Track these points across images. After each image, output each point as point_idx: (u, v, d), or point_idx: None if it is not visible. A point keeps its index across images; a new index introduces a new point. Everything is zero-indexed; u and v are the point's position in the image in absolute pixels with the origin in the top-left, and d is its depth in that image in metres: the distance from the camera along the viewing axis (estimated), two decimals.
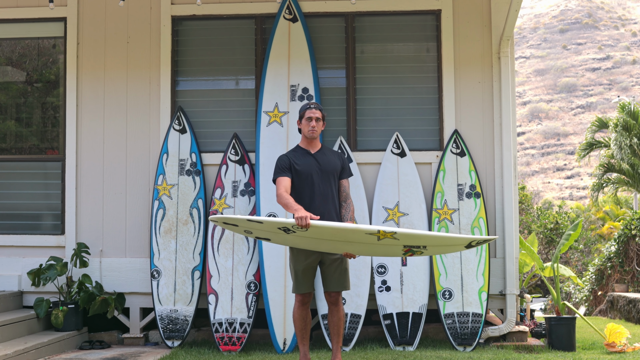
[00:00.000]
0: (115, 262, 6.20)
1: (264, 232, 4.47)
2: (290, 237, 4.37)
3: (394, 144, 6.01)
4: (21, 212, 6.49)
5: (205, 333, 6.13)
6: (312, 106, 4.69)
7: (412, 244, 4.30)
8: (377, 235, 4.15)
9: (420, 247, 4.34)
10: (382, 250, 4.52)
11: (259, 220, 4.32)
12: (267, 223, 4.32)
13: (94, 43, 6.41)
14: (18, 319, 5.66)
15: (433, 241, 4.41)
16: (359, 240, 4.31)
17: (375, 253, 4.87)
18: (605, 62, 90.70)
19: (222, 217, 4.53)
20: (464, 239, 4.37)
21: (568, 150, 74.25)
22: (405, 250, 4.37)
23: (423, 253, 4.48)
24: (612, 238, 12.82)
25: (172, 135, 6.13)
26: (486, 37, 6.15)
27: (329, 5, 6.28)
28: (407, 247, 4.32)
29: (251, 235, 4.62)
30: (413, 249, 4.36)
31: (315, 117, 4.66)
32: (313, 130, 4.65)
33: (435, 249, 4.57)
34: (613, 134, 17.71)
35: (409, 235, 4.21)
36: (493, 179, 6.05)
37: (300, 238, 4.36)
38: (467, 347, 5.67)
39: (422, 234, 4.38)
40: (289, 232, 4.29)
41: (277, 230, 4.32)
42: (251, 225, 4.42)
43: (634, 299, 9.40)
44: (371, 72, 6.29)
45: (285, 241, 4.55)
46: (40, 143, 6.64)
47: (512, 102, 6.04)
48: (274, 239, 4.58)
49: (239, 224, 4.46)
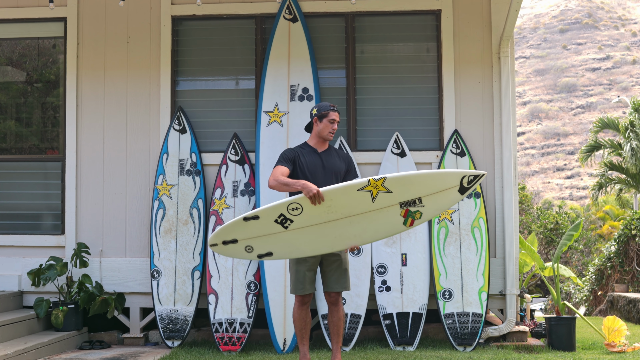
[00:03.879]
0: (115, 262, 6.20)
1: (262, 238, 4.39)
2: (289, 235, 4.34)
3: (394, 144, 6.01)
4: (21, 212, 6.49)
5: (205, 333, 6.13)
6: (334, 108, 4.71)
7: (406, 198, 4.27)
8: (370, 189, 4.17)
9: (417, 203, 4.29)
10: (382, 219, 4.38)
11: (255, 214, 4.29)
12: (263, 214, 4.28)
13: (94, 43, 6.41)
14: (18, 319, 5.66)
15: (423, 184, 4.31)
16: (355, 207, 4.28)
17: (376, 226, 4.49)
18: (605, 62, 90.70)
19: (220, 232, 4.42)
20: (454, 173, 4.34)
21: (568, 150, 74.27)
22: (404, 213, 4.31)
23: (422, 214, 4.35)
24: (612, 238, 12.82)
25: (172, 135, 6.13)
26: (486, 37, 6.15)
27: (329, 5, 6.28)
28: (404, 206, 4.29)
29: (252, 252, 4.45)
30: (410, 209, 4.30)
31: (337, 120, 4.71)
32: (333, 132, 4.70)
33: (431, 202, 4.37)
34: (631, 133, 17.54)
35: (398, 179, 4.24)
36: (493, 179, 6.05)
37: (299, 232, 4.32)
38: (467, 347, 5.67)
39: (410, 174, 4.42)
40: (286, 223, 4.27)
41: (275, 227, 4.29)
42: (249, 231, 4.36)
43: (634, 299, 9.40)
44: (371, 72, 6.29)
45: (286, 246, 4.44)
46: (40, 143, 6.64)
47: (512, 102, 6.04)
48: (275, 249, 4.44)
49: (238, 235, 4.38)
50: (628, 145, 17.43)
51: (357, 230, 4.38)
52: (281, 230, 4.33)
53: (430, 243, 5.85)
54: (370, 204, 4.26)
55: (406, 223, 4.38)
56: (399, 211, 4.33)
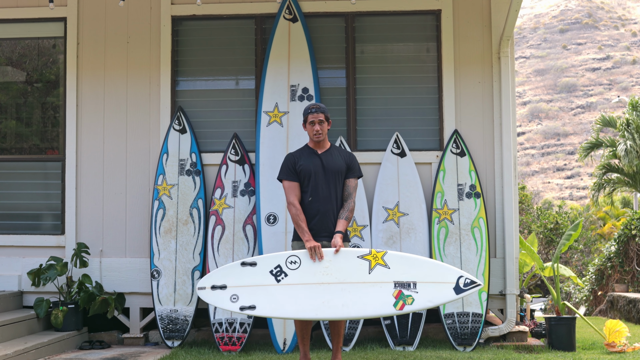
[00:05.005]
0: (115, 262, 6.20)
1: (251, 288, 4.38)
2: (278, 290, 4.35)
3: (394, 144, 6.01)
4: (21, 212, 6.49)
5: (205, 333, 6.13)
6: (313, 110, 4.66)
7: (402, 280, 4.33)
8: (369, 258, 4.31)
9: (411, 287, 4.33)
10: (374, 294, 4.36)
11: (253, 261, 4.42)
12: (261, 262, 4.42)
13: (94, 43, 6.41)
14: (18, 319, 5.66)
15: (421, 270, 4.39)
16: (351, 274, 4.36)
17: (366, 300, 4.37)
18: (605, 62, 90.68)
19: (213, 274, 4.47)
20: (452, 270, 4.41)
21: (568, 150, 74.25)
22: (397, 294, 4.33)
23: (414, 300, 4.32)
24: (612, 238, 12.82)
25: (172, 135, 6.13)
26: (486, 37, 6.15)
27: (329, 5, 6.28)
28: (398, 286, 4.33)
29: (236, 302, 4.39)
30: (404, 292, 4.32)
31: (318, 120, 4.64)
32: (318, 134, 4.65)
33: (424, 290, 4.36)
34: (625, 132, 17.56)
35: (398, 257, 4.39)
36: (493, 179, 6.05)
37: (289, 289, 4.35)
38: (467, 347, 5.67)
39: (411, 256, 4.50)
40: (280, 276, 4.36)
41: (268, 278, 4.37)
42: (241, 278, 4.41)
43: (634, 299, 9.40)
44: (371, 72, 6.29)
45: (271, 303, 4.37)
46: (40, 143, 6.64)
47: (512, 102, 6.04)
48: (259, 304, 4.36)
49: (229, 281, 4.41)
50: (622, 144, 17.46)
51: (346, 299, 4.35)
52: (272, 284, 4.38)
53: (430, 243, 5.85)
54: (366, 274, 4.34)
55: (396, 306, 4.33)
56: (392, 291, 4.36)
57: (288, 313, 4.39)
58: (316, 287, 4.36)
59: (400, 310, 4.32)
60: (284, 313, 4.41)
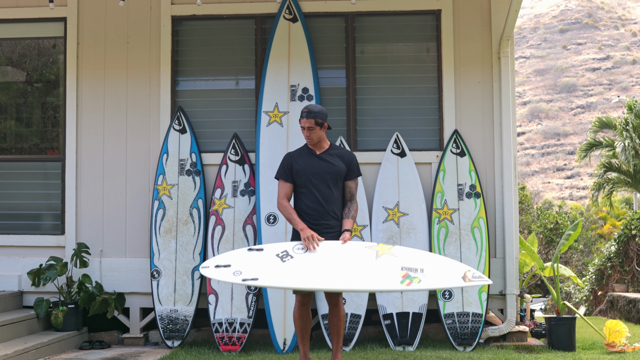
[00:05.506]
0: (115, 262, 6.20)
1: (255, 265, 4.38)
2: (282, 267, 4.35)
3: (394, 144, 6.01)
4: (21, 212, 6.49)
5: (205, 333, 6.13)
6: (303, 115, 4.63)
7: (409, 265, 4.34)
8: (376, 248, 4.31)
9: (418, 271, 4.33)
10: (380, 271, 4.37)
11: (260, 247, 4.45)
12: (268, 248, 4.45)
13: (94, 43, 6.41)
14: (18, 319, 5.66)
15: (429, 262, 4.41)
16: (359, 259, 4.37)
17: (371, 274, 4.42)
18: (605, 62, 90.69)
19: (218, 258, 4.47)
20: (460, 265, 4.44)
21: (568, 150, 74.25)
22: (404, 275, 4.32)
23: (420, 280, 4.31)
24: (612, 238, 12.82)
25: (172, 135, 6.13)
26: (486, 37, 6.15)
27: (329, 5, 6.28)
28: (405, 269, 4.33)
29: (239, 276, 4.34)
30: (411, 274, 4.31)
31: (307, 126, 4.62)
32: (309, 138, 4.68)
33: (432, 274, 4.37)
34: (624, 132, 17.62)
35: (406, 250, 4.39)
36: (493, 179, 6.05)
37: (294, 266, 4.36)
38: (467, 347, 5.67)
39: (420, 251, 4.52)
40: (286, 258, 4.37)
41: (274, 260, 4.38)
42: (247, 260, 4.41)
43: (634, 299, 9.40)
44: (371, 72, 6.29)
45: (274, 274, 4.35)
46: (40, 143, 6.64)
47: (512, 102, 6.04)
48: (262, 275, 4.33)
49: (234, 262, 4.39)
50: (620, 143, 17.50)
51: (352, 275, 4.32)
52: (277, 263, 4.38)
53: (430, 243, 5.85)
54: (373, 259, 4.37)
55: (404, 282, 4.29)
56: (400, 272, 4.35)
57: (292, 283, 4.32)
58: (322, 264, 4.35)
59: (408, 287, 4.26)
60: (287, 283, 4.34)
